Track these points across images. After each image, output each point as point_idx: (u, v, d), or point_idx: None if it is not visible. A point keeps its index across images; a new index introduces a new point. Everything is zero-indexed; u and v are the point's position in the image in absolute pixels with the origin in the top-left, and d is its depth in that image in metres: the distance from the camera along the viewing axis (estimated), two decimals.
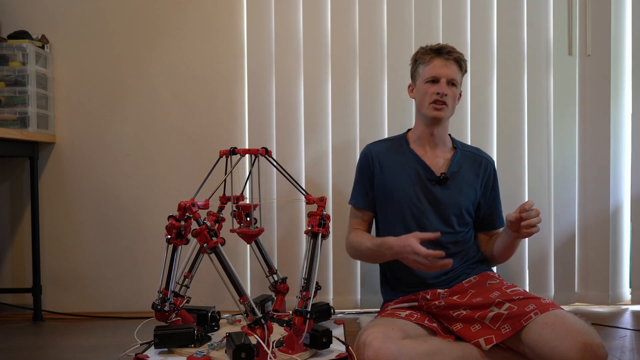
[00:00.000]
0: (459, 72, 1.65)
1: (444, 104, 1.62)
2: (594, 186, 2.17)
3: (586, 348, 1.22)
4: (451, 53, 1.63)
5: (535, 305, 1.37)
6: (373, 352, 1.28)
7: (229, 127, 2.19)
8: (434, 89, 1.62)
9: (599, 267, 2.16)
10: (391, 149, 1.74)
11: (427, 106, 1.63)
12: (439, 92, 1.61)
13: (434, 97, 1.62)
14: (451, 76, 1.62)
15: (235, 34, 2.18)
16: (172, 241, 1.46)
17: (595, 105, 2.16)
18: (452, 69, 1.63)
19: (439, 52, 1.64)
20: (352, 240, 1.70)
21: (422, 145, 1.71)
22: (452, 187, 1.66)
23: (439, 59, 1.63)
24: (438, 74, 1.62)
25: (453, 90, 1.64)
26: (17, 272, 2.20)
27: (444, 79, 1.61)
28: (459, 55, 1.65)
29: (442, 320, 1.52)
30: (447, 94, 1.61)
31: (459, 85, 1.66)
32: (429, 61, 1.64)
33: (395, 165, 1.70)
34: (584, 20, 2.16)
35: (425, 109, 1.65)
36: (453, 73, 1.63)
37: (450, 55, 1.63)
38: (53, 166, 2.19)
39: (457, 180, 1.67)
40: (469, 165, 1.70)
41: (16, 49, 2.02)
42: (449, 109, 1.64)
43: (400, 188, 1.67)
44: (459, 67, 1.65)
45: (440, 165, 1.68)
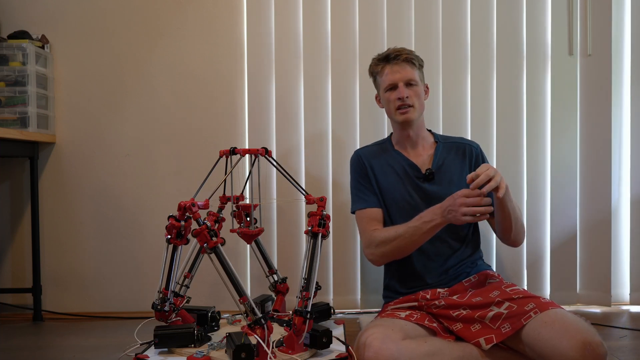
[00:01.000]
0: (413, 70, 1.67)
1: (410, 106, 1.65)
2: (595, 186, 2.16)
3: (585, 346, 1.22)
4: (399, 56, 1.67)
5: (534, 304, 1.37)
6: (373, 352, 1.28)
7: (229, 127, 2.19)
8: (395, 95, 1.66)
9: (600, 267, 2.16)
10: (378, 151, 1.77)
11: (395, 112, 1.68)
12: (400, 97, 1.64)
13: (397, 103, 1.66)
14: (406, 77, 1.65)
15: (235, 34, 2.18)
16: (172, 241, 1.46)
17: (595, 105, 2.16)
18: (405, 71, 1.66)
19: (387, 60, 1.69)
20: (380, 236, 1.60)
21: (403, 147, 1.75)
22: (442, 180, 1.68)
23: (389, 66, 1.68)
24: (393, 80, 1.66)
25: (414, 90, 1.66)
26: (17, 272, 2.20)
27: (401, 82, 1.65)
28: (407, 55, 1.67)
29: (442, 320, 1.52)
30: (409, 95, 1.65)
31: (419, 82, 1.69)
32: (382, 70, 1.69)
33: (384, 167, 1.73)
34: (585, 20, 2.16)
35: (393, 116, 1.70)
36: (408, 74, 1.66)
37: (398, 58, 1.66)
38: (53, 166, 2.19)
39: (444, 172, 1.68)
40: (453, 156, 1.72)
41: (16, 49, 2.02)
42: (416, 109, 1.67)
43: (393, 188, 1.69)
44: (411, 65, 1.67)
45: (425, 162, 1.71)
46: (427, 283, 1.61)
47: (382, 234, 1.61)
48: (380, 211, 1.70)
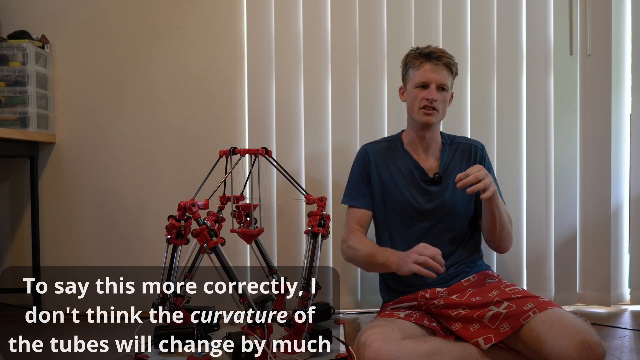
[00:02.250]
0: (449, 76, 1.65)
1: (434, 109, 1.62)
2: (596, 186, 2.16)
3: (584, 346, 1.22)
4: (441, 58, 1.63)
5: (533, 303, 1.37)
6: (373, 353, 1.28)
7: (229, 127, 2.19)
8: (424, 94, 1.62)
9: (600, 267, 2.16)
10: (387, 149, 1.75)
11: (417, 111, 1.64)
12: (428, 98, 1.61)
13: (423, 102, 1.62)
14: (441, 81, 1.62)
15: (235, 34, 2.18)
16: (172, 241, 1.46)
17: (596, 105, 2.16)
18: (441, 74, 1.63)
19: (428, 57, 1.63)
20: (352, 241, 1.67)
21: (414, 149, 1.73)
22: (448, 183, 1.67)
23: (429, 64, 1.63)
24: (428, 79, 1.62)
25: (443, 95, 1.64)
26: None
27: (434, 84, 1.62)
28: (448, 60, 1.64)
29: (441, 319, 1.52)
30: (437, 99, 1.62)
31: (449, 89, 1.66)
32: (419, 66, 1.64)
33: (391, 165, 1.72)
34: (585, 20, 2.16)
35: (415, 114, 1.66)
36: (443, 78, 1.63)
37: (439, 60, 1.63)
38: (53, 166, 2.19)
39: (449, 175, 1.68)
40: (459, 157, 1.72)
41: (16, 49, 2.02)
42: (439, 114, 1.65)
43: (397, 188, 1.68)
44: (449, 70, 1.65)
45: (433, 166, 1.71)
46: (427, 282, 1.61)
47: (354, 242, 1.66)
48: (369, 214, 1.73)
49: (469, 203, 1.69)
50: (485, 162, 1.72)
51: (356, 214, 1.74)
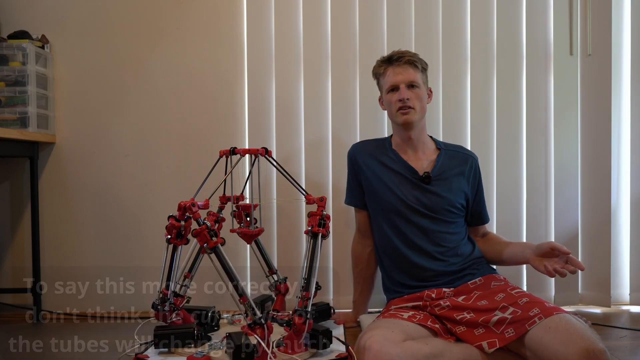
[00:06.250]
0: (416, 72, 1.69)
1: (410, 108, 1.67)
2: (596, 186, 2.16)
3: (588, 354, 1.21)
4: (401, 58, 1.69)
5: (539, 309, 1.36)
6: (373, 355, 1.28)
7: (229, 127, 2.19)
8: (396, 97, 1.68)
9: (600, 268, 2.15)
10: (375, 148, 1.79)
11: (395, 114, 1.70)
12: (401, 99, 1.66)
13: (398, 104, 1.68)
14: (408, 79, 1.67)
15: (235, 34, 2.18)
16: (172, 241, 1.46)
17: (595, 105, 2.16)
18: (407, 73, 1.68)
19: (389, 61, 1.71)
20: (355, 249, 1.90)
21: (403, 150, 1.75)
22: (442, 185, 1.69)
23: (391, 67, 1.70)
24: (395, 82, 1.68)
25: (416, 92, 1.68)
26: (17, 272, 2.20)
27: (402, 84, 1.67)
28: (410, 57, 1.69)
29: (445, 322, 1.52)
30: (410, 97, 1.66)
31: (421, 85, 1.70)
32: (384, 72, 1.72)
33: (379, 165, 1.74)
34: (585, 20, 2.16)
35: (394, 117, 1.72)
36: (409, 76, 1.67)
37: (400, 60, 1.69)
38: (53, 166, 2.19)
39: (445, 179, 1.70)
40: (455, 164, 1.74)
41: (16, 49, 2.02)
42: (417, 111, 1.69)
43: (386, 187, 1.71)
44: (414, 67, 1.69)
45: (424, 167, 1.72)
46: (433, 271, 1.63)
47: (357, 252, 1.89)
48: (363, 211, 1.83)
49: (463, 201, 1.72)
50: (478, 174, 1.78)
51: (357, 214, 1.86)
